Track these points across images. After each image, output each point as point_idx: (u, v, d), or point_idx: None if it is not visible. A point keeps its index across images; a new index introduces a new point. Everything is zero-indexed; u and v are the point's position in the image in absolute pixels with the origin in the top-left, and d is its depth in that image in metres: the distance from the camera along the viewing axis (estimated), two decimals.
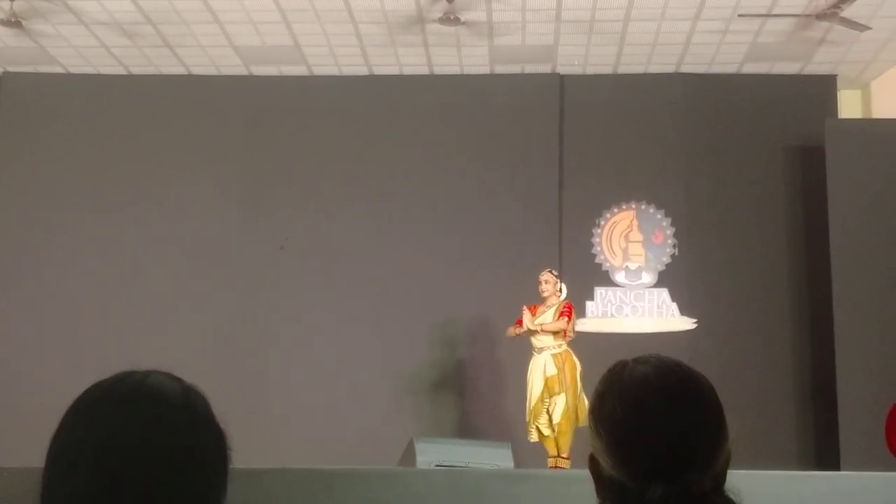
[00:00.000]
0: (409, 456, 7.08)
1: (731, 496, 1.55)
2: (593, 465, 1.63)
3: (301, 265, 10.65)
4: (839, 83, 10.99)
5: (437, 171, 10.80)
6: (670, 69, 10.86)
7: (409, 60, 10.78)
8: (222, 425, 1.51)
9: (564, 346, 8.48)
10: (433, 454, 6.92)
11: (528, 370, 8.51)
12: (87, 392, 1.45)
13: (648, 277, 10.71)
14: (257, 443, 8.49)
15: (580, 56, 10.61)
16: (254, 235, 10.73)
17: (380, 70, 10.99)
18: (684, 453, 1.54)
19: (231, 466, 1.50)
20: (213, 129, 10.94)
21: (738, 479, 1.61)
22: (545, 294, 8.64)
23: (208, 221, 10.72)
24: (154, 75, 11.08)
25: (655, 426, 1.56)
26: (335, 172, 10.83)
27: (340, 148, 10.89)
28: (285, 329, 10.47)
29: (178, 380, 1.51)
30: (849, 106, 11.12)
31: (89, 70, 11.05)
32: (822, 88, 10.91)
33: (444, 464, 6.82)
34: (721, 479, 1.58)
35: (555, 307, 8.60)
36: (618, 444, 1.58)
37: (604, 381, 1.67)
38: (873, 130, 10.06)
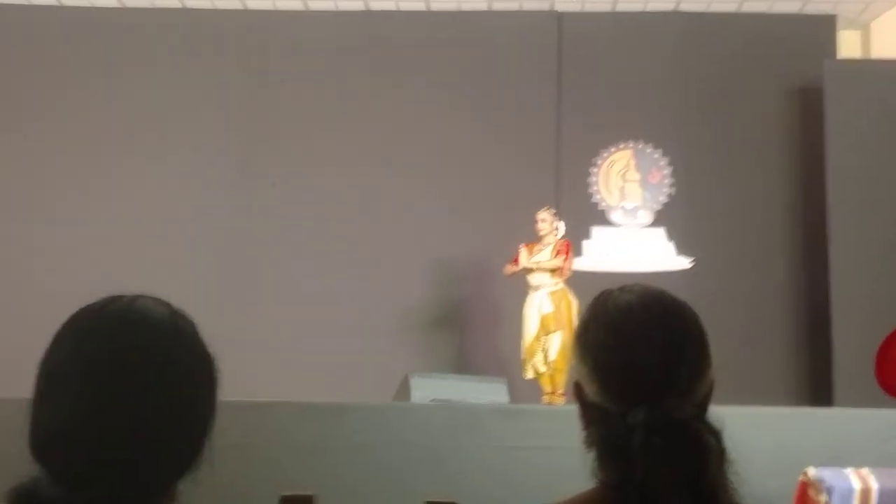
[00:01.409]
0: (404, 391, 7.13)
1: (713, 423, 1.57)
2: (578, 391, 1.65)
3: (296, 203, 10.62)
4: (839, 23, 10.89)
5: (434, 109, 10.73)
6: (669, 7, 10.76)
7: None
8: (211, 350, 1.52)
9: (561, 285, 8.49)
10: (428, 389, 6.97)
11: (524, 308, 8.55)
12: (74, 317, 1.46)
13: (645, 217, 10.70)
14: (249, 376, 8.54)
15: None
16: (248, 171, 10.69)
17: (376, 5, 10.89)
18: (666, 379, 1.56)
19: (219, 393, 1.51)
20: (207, 63, 10.85)
21: (726, 415, 1.62)
22: (542, 233, 8.64)
23: (202, 156, 10.67)
24: (148, 8, 10.97)
25: (638, 352, 1.58)
26: (329, 109, 10.76)
27: (335, 84, 10.81)
28: (280, 265, 10.47)
29: (167, 304, 1.52)
30: (848, 46, 11.04)
31: (82, 2, 10.93)
32: (822, 28, 10.81)
33: (439, 398, 6.87)
34: (703, 406, 1.60)
35: (551, 246, 8.60)
36: (601, 370, 1.60)
37: (589, 309, 1.69)
38: (872, 71, 10.00)
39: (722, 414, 1.60)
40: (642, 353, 1.56)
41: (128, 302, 1.44)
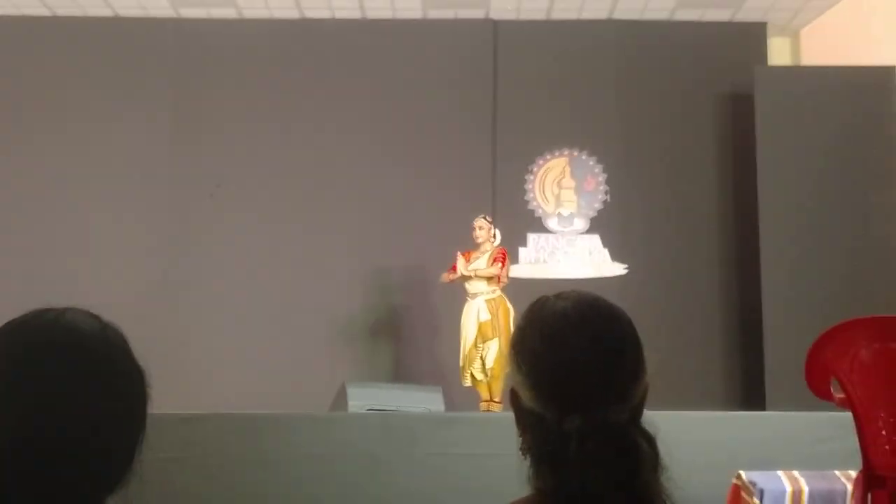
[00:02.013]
0: (340, 401, 7.10)
1: (647, 428, 1.58)
2: (514, 398, 1.65)
3: (232, 210, 10.53)
4: (769, 31, 11.08)
5: (370, 117, 10.72)
6: (603, 15, 10.86)
7: (340, 3, 10.65)
8: (141, 363, 1.49)
9: (498, 292, 8.53)
10: (365, 398, 6.95)
11: (461, 316, 8.56)
12: None
13: (580, 223, 10.78)
14: (182, 387, 8.46)
15: (513, 0, 10.57)
16: (184, 180, 10.58)
17: (311, 13, 10.85)
18: (601, 385, 1.57)
19: (151, 406, 1.49)
20: (141, 72, 10.73)
21: (660, 420, 1.63)
22: (479, 240, 8.67)
23: (137, 166, 10.55)
24: (79, 17, 10.83)
25: (573, 359, 1.58)
26: (265, 117, 10.70)
27: (270, 92, 10.75)
28: (215, 274, 10.38)
29: (96, 317, 1.49)
30: (779, 54, 11.22)
31: (12, 11, 10.77)
32: (752, 36, 10.99)
33: (376, 408, 6.86)
34: (638, 411, 1.61)
35: (488, 253, 8.64)
36: (537, 376, 1.60)
37: (525, 316, 1.69)
38: (802, 77, 10.17)
39: (655, 418, 1.61)
40: (577, 360, 1.57)
41: (56, 315, 1.42)
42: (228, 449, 6.06)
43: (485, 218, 8.79)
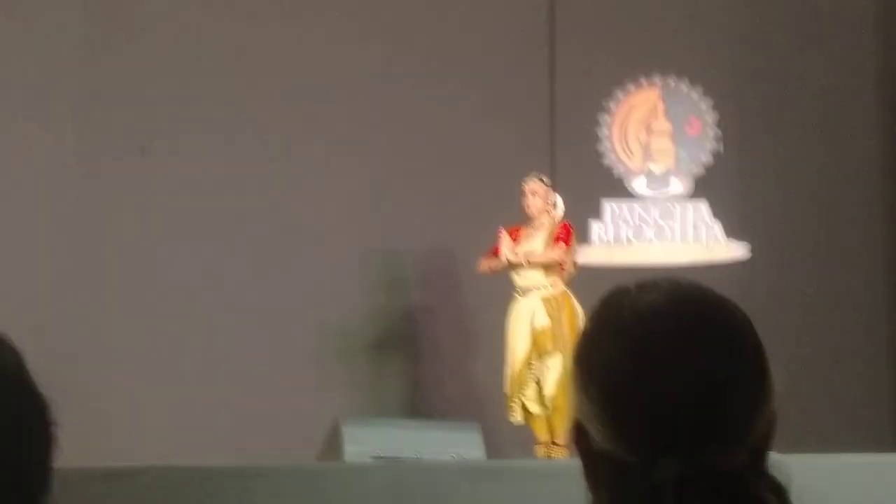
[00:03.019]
0: (333, 445, 7.14)
1: (776, 475, 1.58)
2: (580, 437, 1.66)
3: (174, 172, 10.57)
4: None
5: (372, 29, 10.73)
6: None
7: None
8: (42, 390, 1.51)
9: (561, 286, 8.56)
10: (368, 442, 7.00)
11: (508, 321, 8.58)
12: None
13: (681, 185, 10.77)
14: (104, 430, 8.53)
15: None
16: (102, 130, 10.62)
17: None
18: (708, 417, 1.57)
19: (57, 457, 1.50)
20: (44, 16, 10.72)
21: (795, 465, 1.64)
22: (532, 211, 8.70)
23: (32, 111, 10.58)
24: None
25: (667, 379, 1.58)
26: (221, 45, 10.71)
27: (227, 13, 10.75)
28: (153, 264, 10.43)
29: None
30: None
31: None
32: None
33: (384, 455, 6.90)
34: (761, 452, 1.61)
35: (546, 230, 8.66)
36: (614, 405, 1.60)
37: (595, 317, 1.69)
38: None
39: (788, 463, 1.61)
40: (674, 382, 1.57)
41: None
42: None
43: (540, 179, 8.81)
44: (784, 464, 1.62)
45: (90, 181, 10.64)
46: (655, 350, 1.61)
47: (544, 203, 8.71)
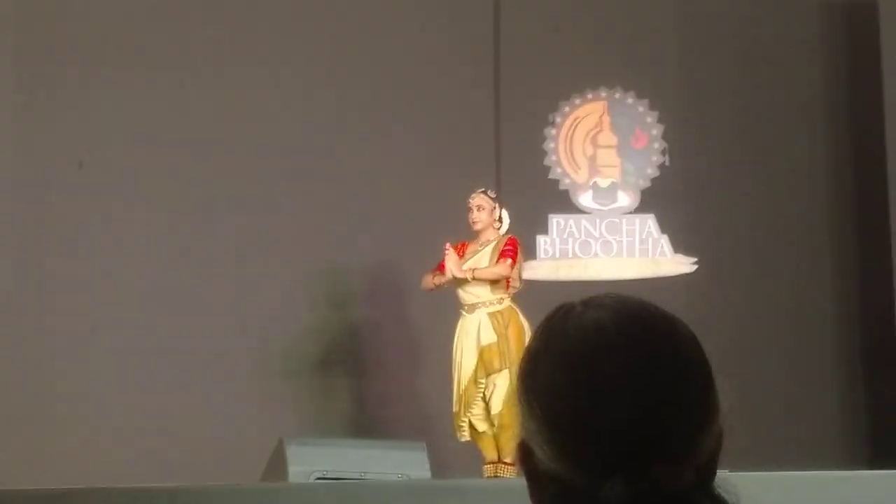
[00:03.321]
0: (277, 465, 7.11)
1: (723, 494, 1.58)
2: (525, 456, 1.65)
3: (112, 188, 10.51)
4: None
5: (317, 45, 10.71)
6: None
7: None
8: None
9: (507, 302, 8.55)
10: (312, 462, 6.97)
11: (454, 337, 8.57)
12: None
13: (627, 198, 10.78)
14: (46, 451, 8.46)
15: None
16: (38, 145, 10.55)
17: None
18: (654, 434, 1.56)
19: None
20: None
21: (742, 483, 1.63)
22: (478, 226, 8.68)
23: None
24: None
25: (612, 397, 1.58)
26: (162, 43, 10.67)
27: (173, 31, 10.71)
28: (91, 279, 10.36)
29: None
30: None
31: None
32: None
33: (329, 475, 6.87)
34: (709, 470, 1.61)
35: (492, 244, 8.65)
36: (559, 424, 1.60)
37: (539, 334, 1.68)
38: None
39: (735, 481, 1.61)
40: (617, 399, 1.57)
41: None
42: None
43: (485, 193, 8.80)
44: (731, 482, 1.62)
45: (27, 197, 10.56)
46: (600, 368, 1.60)
47: (490, 218, 8.70)
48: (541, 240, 10.58)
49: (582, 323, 1.66)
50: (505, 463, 8.31)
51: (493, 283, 8.54)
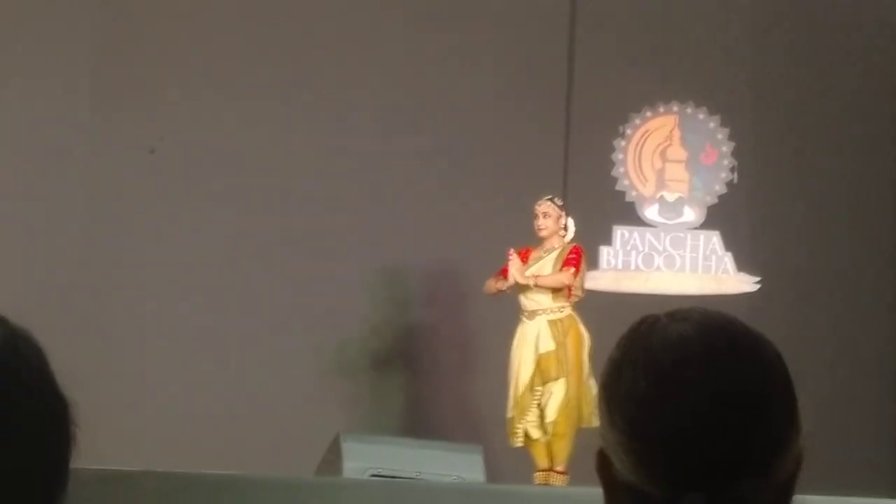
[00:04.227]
0: (332, 459, 7.13)
1: None
2: (603, 466, 1.65)
3: (181, 181, 10.57)
4: None
5: (387, 49, 10.72)
6: None
7: None
8: (64, 391, 1.51)
9: (568, 310, 8.53)
10: (367, 458, 6.98)
11: (512, 343, 8.56)
12: None
13: (693, 214, 10.76)
14: (105, 433, 8.50)
15: None
16: (112, 138, 10.62)
17: None
18: (736, 451, 1.56)
19: (75, 454, 1.51)
20: (56, 14, 10.71)
21: None
22: (543, 233, 8.68)
23: (46, 121, 10.57)
24: None
25: (695, 410, 1.58)
26: (235, 50, 10.70)
27: (245, 14, 10.76)
28: (156, 278, 10.42)
29: (1, 319, 1.51)
30: None
31: None
32: None
33: (383, 473, 6.89)
34: (787, 491, 1.60)
35: (556, 252, 8.65)
36: (640, 436, 1.59)
37: (623, 345, 1.68)
38: None
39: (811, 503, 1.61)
40: (702, 412, 1.56)
41: None
42: None
43: (552, 201, 8.80)
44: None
45: (99, 181, 10.64)
46: (683, 381, 1.60)
47: (556, 225, 8.70)
48: (604, 250, 10.58)
49: (666, 335, 1.65)
50: (556, 471, 8.31)
51: (555, 290, 8.53)
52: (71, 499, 1.48)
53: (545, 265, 8.61)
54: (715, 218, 10.72)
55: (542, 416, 8.40)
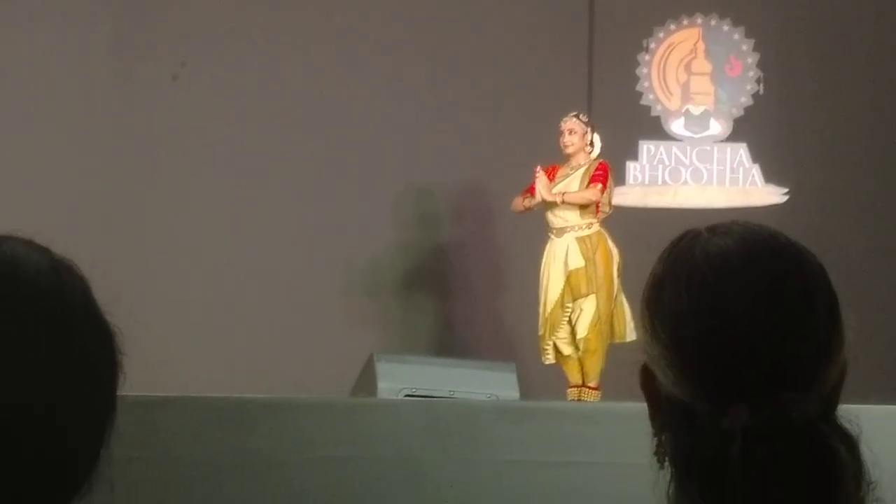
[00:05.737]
0: (366, 380, 7.17)
1: (846, 425, 1.57)
2: (647, 380, 1.65)
3: (207, 102, 10.57)
4: None
5: None
6: None
7: None
8: (110, 320, 1.51)
9: (596, 227, 8.55)
10: (401, 379, 7.02)
11: (541, 261, 8.59)
12: None
13: (719, 127, 10.73)
14: (140, 359, 8.55)
15: None
16: (135, 62, 10.61)
17: None
18: (780, 363, 1.56)
19: (122, 381, 1.51)
20: None
21: (864, 416, 1.62)
22: (569, 150, 8.67)
23: (69, 45, 10.57)
24: None
25: (739, 323, 1.58)
26: None
27: None
28: (185, 202, 10.45)
29: (45, 250, 1.51)
30: None
31: None
32: None
33: (418, 392, 6.93)
34: (832, 402, 1.60)
35: (583, 169, 8.64)
36: (683, 349, 1.59)
37: (665, 260, 1.68)
38: None
39: (857, 413, 1.60)
40: (745, 326, 1.56)
41: None
42: (207, 446, 6.14)
43: (577, 117, 8.78)
44: (853, 413, 1.61)
45: (121, 107, 10.64)
46: (726, 294, 1.60)
47: (582, 142, 8.69)
48: (631, 166, 10.57)
49: (708, 249, 1.65)
50: (588, 387, 8.36)
51: (583, 207, 8.53)
52: (121, 422, 1.50)
53: (572, 182, 8.61)
54: (741, 130, 10.70)
55: (573, 333, 8.44)
